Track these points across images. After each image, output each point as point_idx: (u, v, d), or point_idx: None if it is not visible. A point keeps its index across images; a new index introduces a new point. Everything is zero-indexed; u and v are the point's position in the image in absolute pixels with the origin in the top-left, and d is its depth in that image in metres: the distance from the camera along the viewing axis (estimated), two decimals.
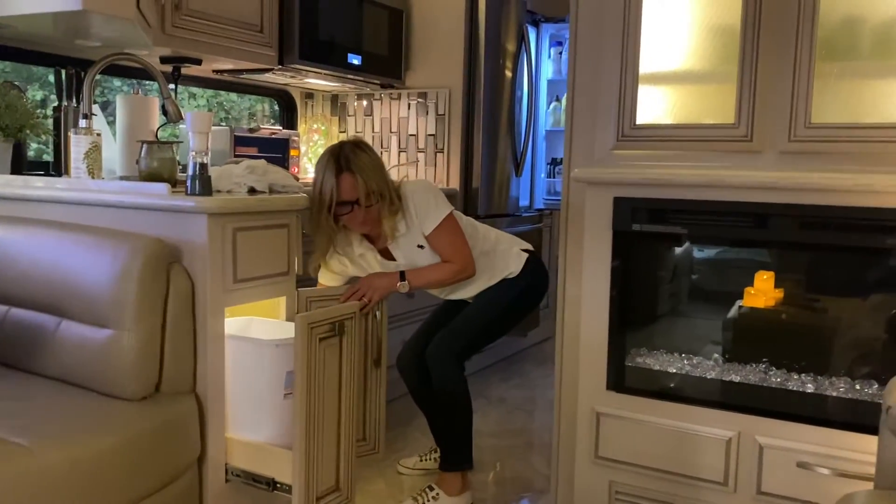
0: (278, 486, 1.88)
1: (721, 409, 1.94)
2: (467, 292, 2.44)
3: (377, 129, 3.88)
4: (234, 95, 3.92)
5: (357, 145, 2.23)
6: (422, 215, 2.26)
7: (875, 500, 1.35)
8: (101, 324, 1.77)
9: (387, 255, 2.33)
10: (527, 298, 2.46)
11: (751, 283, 2.05)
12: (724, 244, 2.13)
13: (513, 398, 3.61)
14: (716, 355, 2.07)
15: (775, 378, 1.96)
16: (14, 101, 2.36)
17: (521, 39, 3.98)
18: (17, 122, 2.35)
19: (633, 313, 2.10)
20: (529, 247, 2.48)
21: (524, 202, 4.29)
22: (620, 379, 2.06)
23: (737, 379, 1.99)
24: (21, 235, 1.99)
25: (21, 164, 2.50)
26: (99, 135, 2.23)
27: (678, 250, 2.19)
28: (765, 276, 2.09)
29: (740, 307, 2.14)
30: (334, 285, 2.36)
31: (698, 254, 2.23)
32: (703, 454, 1.94)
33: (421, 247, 2.29)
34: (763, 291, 2.13)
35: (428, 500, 2.38)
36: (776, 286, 2.04)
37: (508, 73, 3.91)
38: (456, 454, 2.44)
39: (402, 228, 2.26)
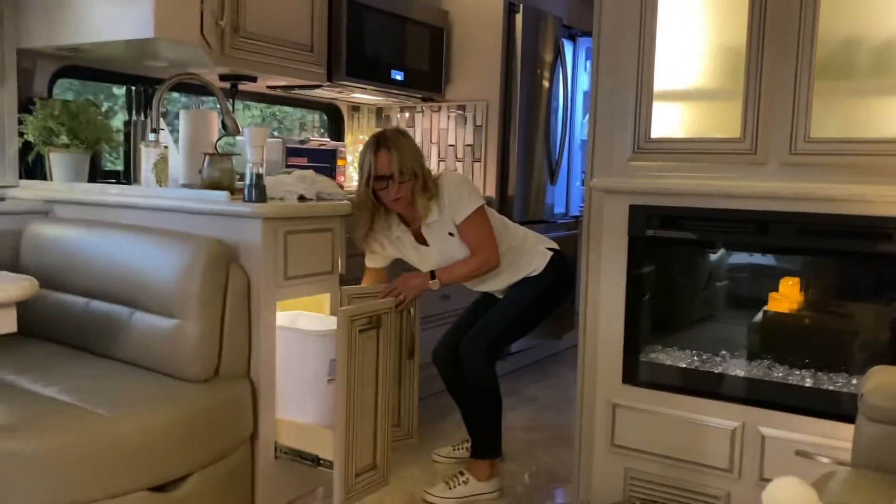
0: (321, 462, 2.09)
1: (727, 402, 2.09)
2: (494, 284, 2.61)
3: (418, 139, 4.09)
4: (287, 107, 4.18)
5: (399, 131, 2.47)
6: (454, 205, 2.43)
7: (852, 477, 1.50)
8: (168, 314, 2.01)
9: (420, 239, 2.52)
10: (550, 295, 2.61)
11: (754, 285, 2.20)
12: (730, 248, 2.28)
13: (544, 397, 3.77)
14: (723, 351, 2.22)
15: (777, 373, 2.10)
16: (92, 116, 2.64)
17: (558, 53, 4.16)
18: (94, 136, 2.63)
19: (646, 312, 2.26)
20: (555, 246, 2.63)
21: (560, 209, 4.45)
22: (635, 373, 2.23)
23: (741, 374, 2.14)
24: (99, 237, 2.26)
25: (97, 174, 2.78)
26: (166, 147, 2.49)
27: (689, 254, 2.35)
28: (790, 282, 2.23)
29: (765, 311, 2.28)
30: (378, 266, 2.57)
31: (707, 257, 2.38)
32: (710, 443, 2.10)
33: (451, 234, 2.47)
34: (787, 296, 2.28)
35: (458, 484, 2.57)
36: (777, 290, 2.18)
37: (545, 85, 4.09)
38: (485, 443, 2.63)
39: (434, 215, 2.44)
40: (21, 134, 2.61)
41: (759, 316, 2.28)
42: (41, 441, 1.63)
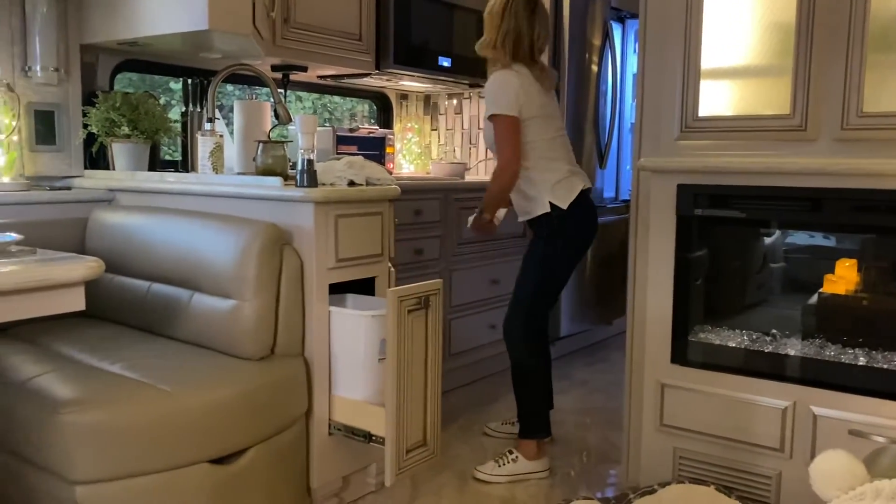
0: (373, 438, 2.15)
1: (777, 381, 2.07)
2: (518, 209, 2.70)
3: (466, 126, 4.13)
4: (336, 97, 4.25)
5: (535, 8, 2.62)
6: (486, 100, 2.60)
7: None
8: (226, 295, 2.09)
9: None
10: (554, 248, 2.61)
11: (809, 267, 2.17)
12: (781, 227, 2.25)
13: (595, 380, 3.78)
14: (774, 331, 2.20)
15: (829, 352, 2.07)
16: (152, 108, 2.74)
17: (606, 36, 4.13)
18: (153, 127, 2.74)
19: (695, 292, 2.25)
20: (563, 203, 2.57)
21: (609, 193, 4.43)
22: (683, 353, 2.22)
23: (792, 352, 2.11)
24: (159, 223, 2.35)
25: (156, 163, 2.89)
26: (221, 136, 2.57)
27: (740, 234, 2.32)
28: (847, 264, 2.19)
29: (821, 293, 2.25)
30: None
31: (760, 238, 2.35)
32: (760, 422, 2.08)
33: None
34: (843, 277, 2.24)
35: (507, 462, 2.61)
36: (832, 272, 2.15)
37: (594, 68, 4.07)
38: (526, 423, 2.67)
39: None
40: (85, 126, 2.73)
41: (814, 298, 2.25)
42: (109, 414, 1.72)
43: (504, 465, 2.61)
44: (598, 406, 3.39)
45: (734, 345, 2.21)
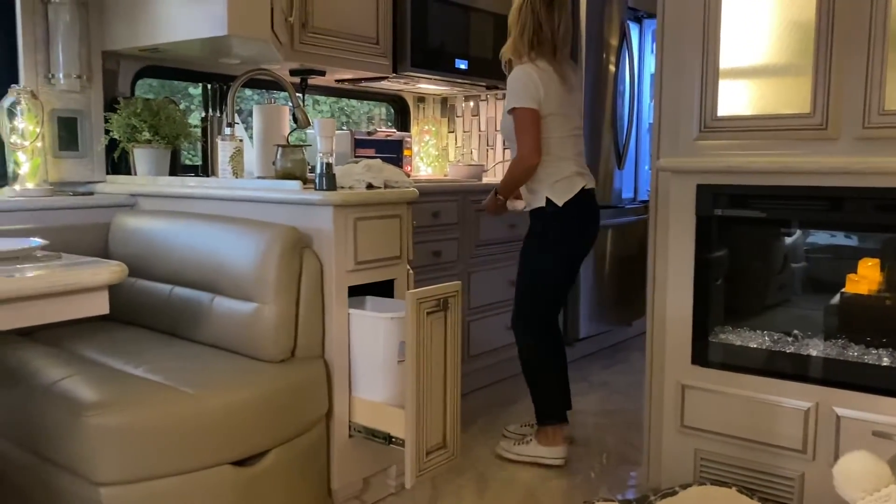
0: (393, 440, 2.16)
1: (800, 382, 2.05)
2: (524, 198, 2.74)
3: (483, 128, 4.13)
4: (353, 101, 4.27)
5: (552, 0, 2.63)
6: (507, 94, 2.62)
7: None
8: (246, 298, 2.11)
9: None
10: (544, 244, 2.68)
11: (831, 267, 2.16)
12: (802, 226, 2.24)
13: (614, 382, 3.76)
14: (795, 331, 2.18)
15: (852, 353, 2.05)
16: (172, 113, 2.77)
17: (623, 36, 4.12)
18: (174, 132, 2.76)
19: (716, 293, 2.24)
20: (559, 201, 2.62)
21: (628, 194, 4.41)
22: (704, 354, 2.21)
23: (815, 353, 2.10)
24: (181, 227, 2.38)
25: (177, 168, 2.92)
26: (241, 140, 2.59)
27: (760, 235, 2.31)
28: (869, 263, 2.17)
29: (843, 293, 2.23)
30: None
31: (781, 238, 2.34)
32: (783, 424, 2.07)
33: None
34: (865, 277, 2.22)
35: (518, 442, 2.72)
36: (855, 271, 2.13)
37: (611, 68, 4.06)
38: (539, 409, 2.76)
39: None
40: (107, 132, 2.77)
41: (837, 298, 2.23)
42: (132, 416, 1.75)
43: (518, 445, 2.73)
44: (618, 408, 3.38)
45: (755, 345, 2.19)
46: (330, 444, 2.21)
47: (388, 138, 3.71)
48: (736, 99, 2.12)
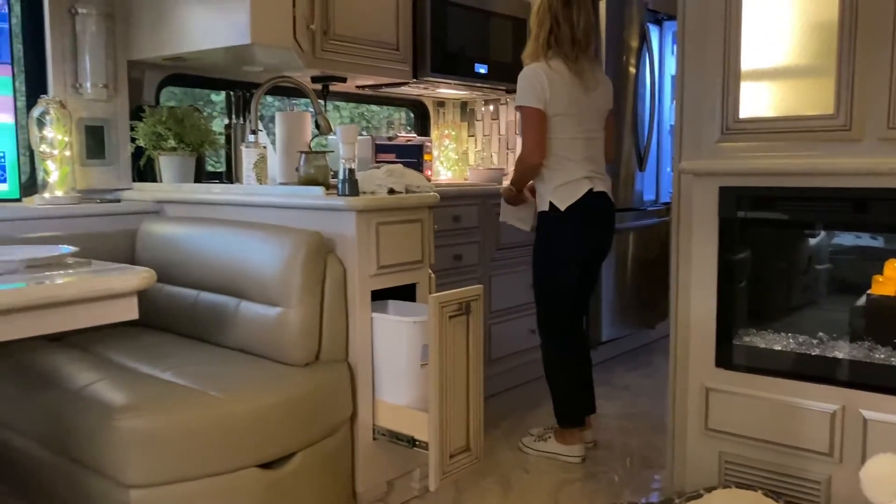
0: (417, 443, 2.17)
1: (826, 384, 2.04)
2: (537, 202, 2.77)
3: (503, 131, 4.14)
4: (374, 106, 4.30)
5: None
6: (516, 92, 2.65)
7: None
8: (271, 303, 2.13)
9: None
10: (548, 247, 2.72)
11: (857, 268, 2.14)
12: (827, 228, 2.22)
13: (637, 385, 3.75)
14: (821, 333, 2.16)
15: (879, 355, 2.03)
16: (196, 121, 2.81)
17: (643, 38, 4.11)
18: (199, 139, 2.80)
19: (740, 295, 2.23)
20: (578, 194, 2.64)
21: (650, 196, 4.40)
22: (728, 356, 2.20)
23: (840, 355, 2.08)
24: (206, 233, 2.41)
25: (201, 174, 2.96)
26: (265, 147, 2.62)
27: (784, 236, 2.30)
28: None
29: (869, 295, 2.21)
30: None
31: (805, 240, 2.32)
32: (809, 426, 2.05)
33: None
34: (892, 279, 2.20)
35: (537, 439, 2.79)
36: (881, 273, 2.11)
37: (632, 71, 4.05)
38: (555, 409, 2.81)
39: None
40: (133, 140, 2.81)
41: (863, 300, 2.21)
42: (161, 420, 1.77)
43: (538, 441, 2.81)
44: (642, 411, 3.37)
45: (780, 348, 2.18)
46: (354, 447, 2.23)
47: (409, 143, 3.73)
48: (758, 101, 2.11)
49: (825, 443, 2.03)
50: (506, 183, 3.96)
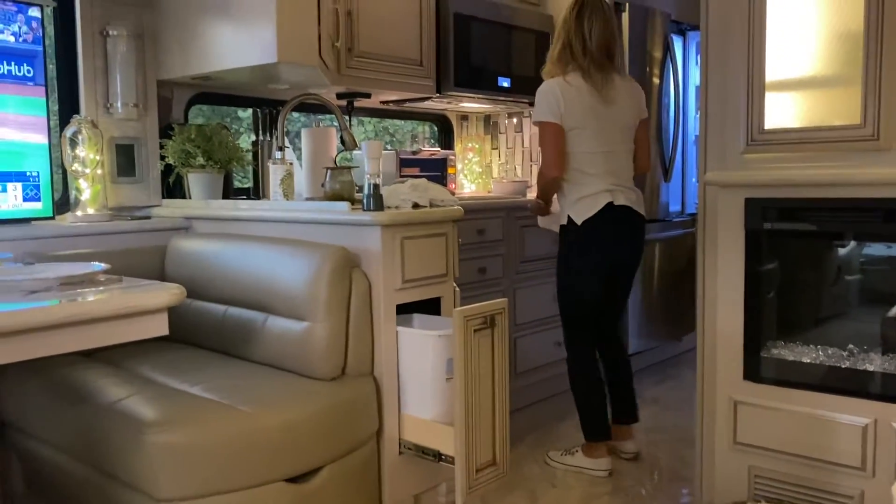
0: (443, 458, 2.17)
1: (857, 398, 2.01)
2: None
3: (526, 143, 4.15)
4: (398, 120, 4.33)
5: (581, 11, 2.66)
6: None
7: None
8: (298, 317, 2.15)
9: None
10: (567, 261, 2.76)
11: (888, 278, 2.11)
12: (856, 238, 2.19)
13: (666, 398, 3.72)
14: (851, 346, 2.14)
15: None
16: (224, 139, 2.86)
17: (667, 49, 4.10)
18: (226, 157, 2.85)
19: (767, 307, 2.21)
20: (596, 208, 2.64)
21: (675, 207, 4.37)
22: (756, 369, 2.18)
23: (872, 368, 2.05)
24: (234, 249, 2.44)
25: (229, 191, 3.00)
26: (291, 164, 2.66)
27: (812, 247, 2.27)
28: None
29: None
30: None
31: (834, 250, 2.29)
32: (841, 440, 2.02)
33: None
34: None
35: (566, 453, 2.81)
36: None
37: (656, 81, 4.04)
38: (582, 423, 2.81)
39: None
40: (162, 157, 2.86)
41: (894, 311, 2.18)
42: (191, 434, 1.80)
43: (565, 455, 2.82)
44: (670, 424, 3.34)
45: (809, 360, 2.16)
46: (381, 462, 2.23)
47: (433, 157, 3.75)
48: (783, 111, 2.10)
49: (857, 457, 2.00)
50: (531, 195, 4.00)
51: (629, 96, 2.74)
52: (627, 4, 3.81)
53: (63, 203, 2.78)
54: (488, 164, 4.32)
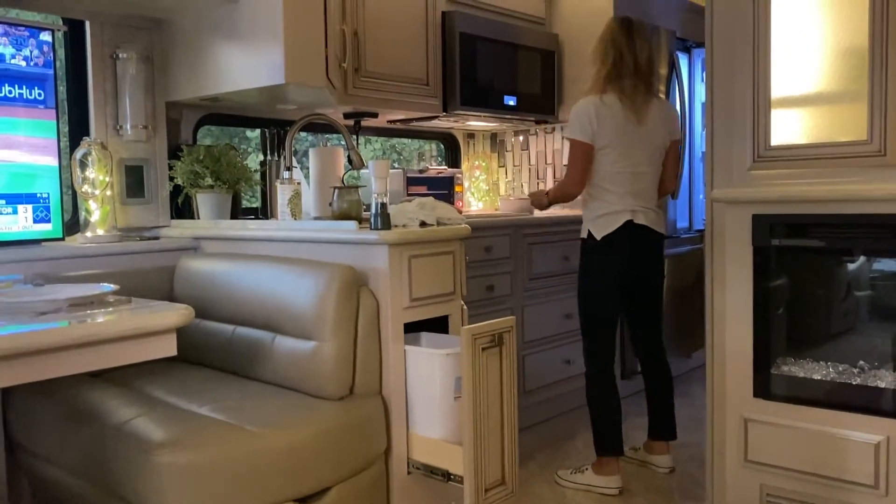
0: (452, 477, 2.16)
1: (869, 415, 1.99)
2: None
3: (533, 161, 4.16)
4: (404, 139, 4.36)
5: (631, 30, 2.69)
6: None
7: None
8: (306, 337, 2.16)
9: None
10: (586, 275, 2.79)
11: (890, 289, 2.10)
12: (864, 255, 2.18)
13: (676, 415, 3.67)
14: (861, 362, 2.12)
15: None
16: (233, 159, 2.87)
17: (672, 66, 4.11)
18: (235, 177, 2.86)
19: (777, 324, 2.20)
20: (615, 224, 2.68)
21: (683, 223, 4.37)
22: (766, 386, 2.17)
23: (883, 385, 2.04)
24: (242, 268, 2.45)
25: (237, 211, 3.02)
26: (299, 183, 2.67)
27: (821, 263, 2.26)
28: None
29: None
30: None
31: (843, 266, 2.28)
32: (853, 458, 2.00)
33: None
34: None
35: (576, 472, 2.79)
36: None
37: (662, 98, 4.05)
38: (594, 438, 2.81)
39: None
40: (171, 178, 2.88)
41: None
42: (199, 454, 1.79)
43: (575, 473, 2.80)
44: (680, 441, 3.30)
45: (819, 377, 2.14)
46: (389, 481, 2.23)
47: (440, 175, 3.77)
48: (789, 128, 2.10)
49: (870, 475, 1.98)
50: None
51: (663, 117, 2.78)
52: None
53: (73, 224, 2.80)
54: (495, 182, 4.34)
